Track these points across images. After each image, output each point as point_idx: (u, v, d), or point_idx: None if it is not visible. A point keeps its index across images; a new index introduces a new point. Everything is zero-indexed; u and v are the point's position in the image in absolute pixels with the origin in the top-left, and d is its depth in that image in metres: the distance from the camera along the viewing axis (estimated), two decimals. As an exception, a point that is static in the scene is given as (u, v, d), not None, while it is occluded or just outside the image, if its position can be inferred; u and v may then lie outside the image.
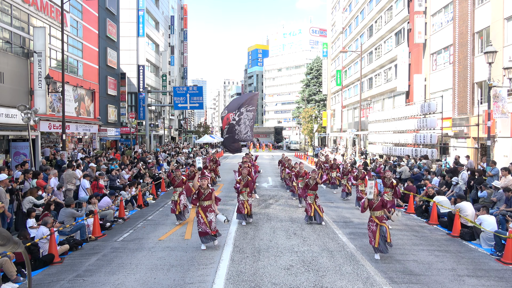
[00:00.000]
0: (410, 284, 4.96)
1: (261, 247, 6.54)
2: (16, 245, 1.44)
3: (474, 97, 14.94)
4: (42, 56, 13.87)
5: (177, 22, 46.57)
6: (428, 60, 19.40)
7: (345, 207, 10.57)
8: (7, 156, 12.93)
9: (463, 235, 7.31)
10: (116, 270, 5.53)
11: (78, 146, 18.84)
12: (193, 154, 26.96)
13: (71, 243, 6.62)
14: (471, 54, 15.08)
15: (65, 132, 13.00)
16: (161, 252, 6.34)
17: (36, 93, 13.90)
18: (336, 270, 5.44)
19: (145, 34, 32.12)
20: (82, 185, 9.72)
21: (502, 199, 7.93)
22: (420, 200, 9.82)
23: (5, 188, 7.25)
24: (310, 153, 34.71)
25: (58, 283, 5.10)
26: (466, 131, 15.01)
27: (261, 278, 5.10)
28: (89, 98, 20.47)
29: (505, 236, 6.07)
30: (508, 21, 13.06)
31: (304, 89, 54.04)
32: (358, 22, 31.77)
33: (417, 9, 19.55)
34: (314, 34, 77.32)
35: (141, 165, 14.33)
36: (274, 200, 11.47)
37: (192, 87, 24.40)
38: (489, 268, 5.70)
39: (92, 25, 21.06)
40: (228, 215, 8.47)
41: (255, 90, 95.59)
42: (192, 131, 59.74)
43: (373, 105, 28.44)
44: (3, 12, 13.15)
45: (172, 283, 4.98)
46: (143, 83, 31.08)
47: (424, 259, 6.01)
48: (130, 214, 9.63)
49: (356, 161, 20.33)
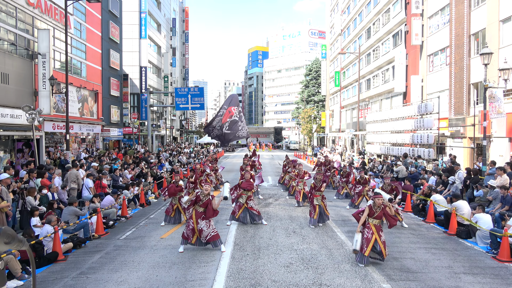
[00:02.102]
0: (408, 282, 5.02)
1: (261, 245, 6.64)
2: (21, 243, 1.45)
3: (470, 97, 15.08)
4: (46, 58, 14.02)
5: (178, 24, 46.79)
6: (425, 62, 19.56)
7: (343, 206, 10.69)
8: (12, 156, 13.08)
9: (460, 233, 7.41)
10: (119, 267, 5.61)
11: (81, 146, 18.99)
12: (194, 154, 27.10)
13: (74, 241, 6.70)
14: (467, 56, 15.23)
15: (68, 132, 13.14)
16: (163, 250, 6.43)
17: (41, 94, 14.06)
18: (334, 267, 5.52)
19: (147, 36, 32.33)
20: (86, 184, 9.86)
21: (497, 198, 8.06)
22: (417, 199, 9.94)
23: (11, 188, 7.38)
24: (309, 153, 34.85)
25: (62, 281, 5.15)
26: (462, 131, 15.15)
27: (261, 276, 5.18)
28: (93, 99, 20.63)
29: (501, 234, 6.16)
30: (503, 23, 13.21)
31: (303, 90, 54.22)
32: (356, 24, 31.95)
33: (414, 12, 19.72)
34: (313, 36, 77.67)
35: (143, 164, 14.48)
36: (274, 199, 11.59)
37: (193, 88, 24.60)
38: (485, 265, 5.77)
39: (96, 27, 21.24)
40: (228, 214, 8.60)
41: (255, 91, 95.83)
42: (193, 131, 59.98)
43: (371, 105, 28.59)
44: (8, 14, 13.32)
45: (174, 280, 5.05)
46: (145, 84, 31.26)
47: (421, 257, 6.10)
48: (133, 213, 9.75)
49: (354, 161, 20.47)
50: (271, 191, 13.31)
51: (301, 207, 10.18)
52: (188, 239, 6.30)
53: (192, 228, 6.26)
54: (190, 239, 6.29)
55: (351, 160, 20.82)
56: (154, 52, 36.58)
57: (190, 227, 6.30)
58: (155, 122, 35.17)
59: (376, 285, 4.89)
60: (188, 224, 6.34)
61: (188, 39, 51.01)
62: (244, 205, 8.15)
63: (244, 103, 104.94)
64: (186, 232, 6.32)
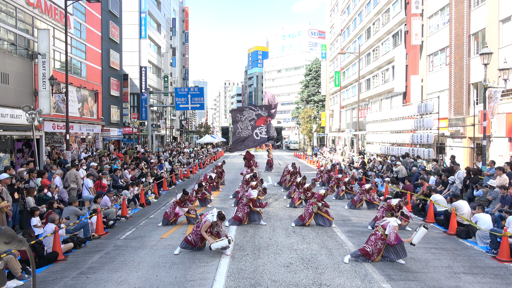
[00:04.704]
0: (407, 281, 5.02)
1: (261, 245, 6.64)
2: (21, 243, 1.45)
3: (470, 97, 15.09)
4: (46, 58, 14.01)
5: (178, 24, 46.81)
6: (424, 62, 19.57)
7: (343, 206, 10.70)
8: (12, 156, 13.08)
9: (459, 233, 7.42)
10: (119, 267, 5.61)
11: (81, 146, 19.00)
12: (194, 154, 27.09)
13: (74, 241, 6.70)
14: (467, 56, 15.24)
15: (68, 132, 13.14)
16: (163, 250, 6.43)
17: (40, 94, 14.05)
18: (334, 267, 5.52)
19: (147, 36, 32.34)
20: (85, 184, 9.86)
21: (497, 197, 8.07)
22: (417, 199, 9.95)
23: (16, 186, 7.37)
24: (309, 153, 34.87)
25: (62, 280, 5.15)
26: (462, 131, 15.16)
27: (261, 276, 5.18)
28: (92, 99, 20.63)
29: (501, 234, 6.16)
30: (503, 23, 13.22)
31: (303, 90, 54.28)
32: (356, 24, 31.97)
33: (414, 12, 19.74)
34: (313, 36, 77.75)
35: (143, 164, 14.49)
36: (274, 199, 11.59)
37: (193, 88, 24.61)
38: (485, 265, 5.77)
39: (95, 27, 21.23)
40: (228, 214, 8.59)
41: (255, 91, 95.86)
42: (193, 131, 60.01)
43: (371, 105, 28.61)
44: (8, 14, 13.31)
45: (174, 280, 5.04)
46: (145, 84, 31.28)
47: (421, 257, 6.10)
48: (133, 213, 9.74)
49: (354, 161, 20.48)
50: (271, 190, 13.31)
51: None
52: (195, 245, 6.24)
53: (202, 237, 6.18)
54: (198, 245, 6.26)
55: (351, 160, 20.83)
56: (154, 52, 36.59)
57: (198, 235, 6.22)
58: (155, 122, 35.19)
59: (376, 285, 4.89)
60: (196, 232, 6.24)
61: (188, 39, 51.06)
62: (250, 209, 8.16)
63: (244, 103, 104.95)
64: (194, 239, 6.22)
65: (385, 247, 5.79)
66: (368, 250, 5.73)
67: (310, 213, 8.03)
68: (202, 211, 9.61)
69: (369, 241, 5.82)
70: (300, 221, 8.08)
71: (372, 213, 9.44)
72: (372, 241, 5.77)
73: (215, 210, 6.32)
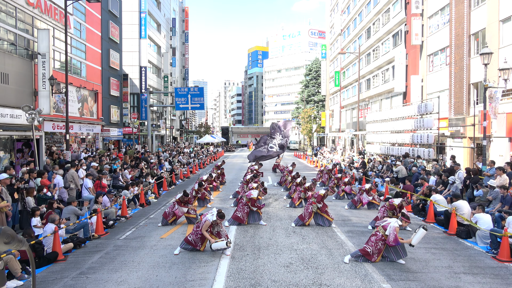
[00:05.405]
0: (408, 281, 5.02)
1: (261, 245, 6.64)
2: (21, 243, 1.46)
3: (470, 97, 15.09)
4: (46, 58, 14.01)
5: (178, 24, 46.82)
6: (425, 62, 19.57)
7: (343, 205, 10.70)
8: (11, 156, 13.07)
9: (459, 233, 7.41)
10: (118, 267, 5.61)
11: (81, 146, 19.00)
12: (194, 154, 27.09)
13: (74, 241, 6.70)
14: (467, 56, 15.24)
15: (68, 132, 13.14)
16: (163, 250, 6.43)
17: (40, 94, 14.05)
18: (334, 267, 5.52)
19: (147, 36, 32.35)
20: (85, 184, 9.86)
21: (497, 197, 8.07)
22: (417, 199, 9.95)
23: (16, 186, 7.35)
24: (309, 153, 34.87)
25: (62, 281, 5.15)
26: (462, 131, 15.16)
27: (261, 276, 5.18)
28: (92, 99, 20.64)
29: (501, 234, 6.16)
30: (503, 23, 13.22)
31: (303, 90, 54.28)
32: (356, 24, 31.97)
33: (414, 12, 19.74)
34: (313, 36, 77.80)
35: (143, 164, 14.48)
36: (274, 199, 11.60)
37: (193, 88, 24.62)
38: (485, 265, 5.77)
39: (95, 27, 21.24)
40: (227, 214, 8.59)
41: (255, 91, 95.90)
42: (193, 131, 60.05)
43: (371, 105, 28.61)
44: (8, 14, 13.32)
45: (174, 280, 5.04)
46: (145, 84, 31.29)
47: (421, 257, 6.10)
48: (133, 213, 9.74)
49: (354, 161, 20.48)
50: (271, 190, 13.31)
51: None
52: (195, 246, 6.23)
53: (202, 237, 6.19)
54: (198, 246, 6.26)
55: (351, 160, 20.84)
56: (154, 52, 36.60)
57: (198, 235, 6.21)
58: (155, 122, 35.20)
59: (376, 285, 4.89)
60: (196, 232, 6.24)
61: (188, 39, 51.08)
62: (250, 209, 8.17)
63: (244, 103, 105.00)
64: (194, 239, 6.21)
65: (385, 247, 5.79)
66: (368, 250, 5.73)
67: (310, 212, 8.04)
68: (202, 211, 9.61)
69: (369, 242, 5.81)
70: (300, 220, 8.08)
71: (372, 213, 9.44)
72: (372, 241, 5.77)
73: (214, 210, 6.31)
